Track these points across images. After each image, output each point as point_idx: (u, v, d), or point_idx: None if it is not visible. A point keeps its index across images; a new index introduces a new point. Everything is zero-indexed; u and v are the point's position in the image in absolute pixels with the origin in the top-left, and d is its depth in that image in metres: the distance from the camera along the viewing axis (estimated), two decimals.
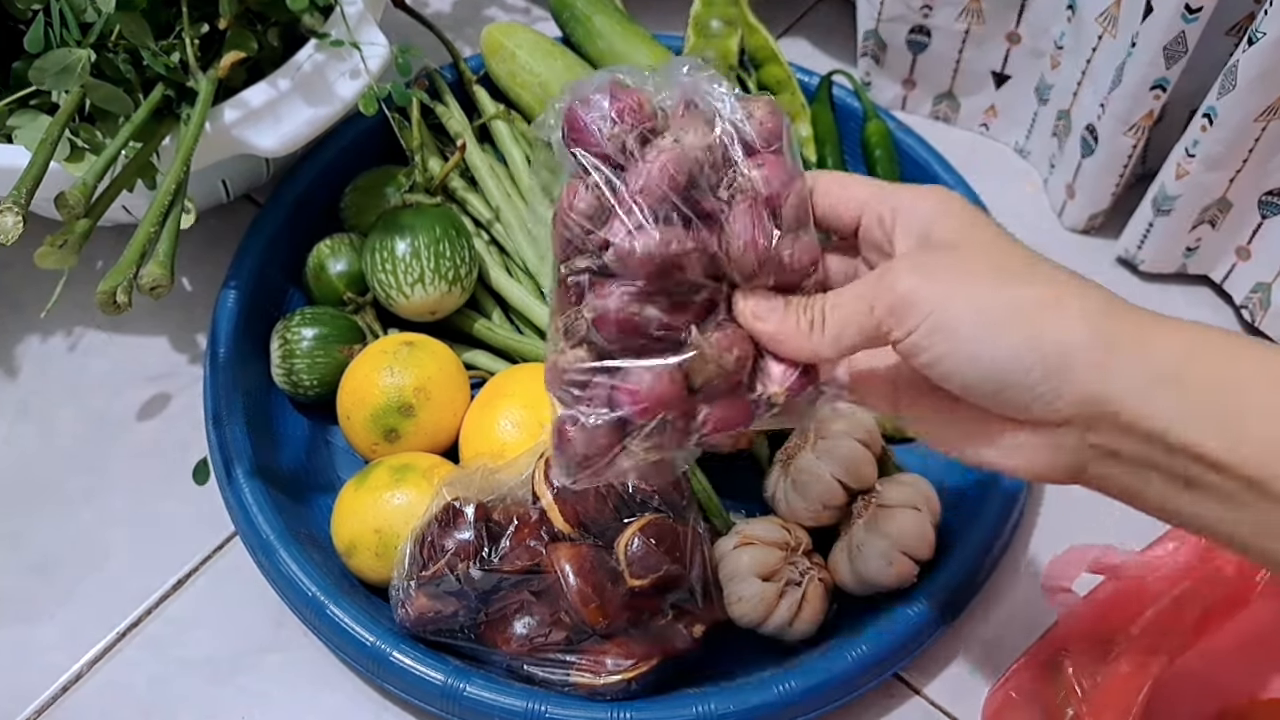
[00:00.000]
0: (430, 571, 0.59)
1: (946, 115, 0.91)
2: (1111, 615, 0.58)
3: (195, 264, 0.79)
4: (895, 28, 0.85)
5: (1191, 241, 0.79)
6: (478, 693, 0.58)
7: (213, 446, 0.67)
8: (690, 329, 0.45)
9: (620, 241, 0.43)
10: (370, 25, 0.71)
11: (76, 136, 0.63)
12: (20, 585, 0.67)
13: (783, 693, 0.58)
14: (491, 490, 0.62)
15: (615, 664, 0.58)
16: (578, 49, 0.83)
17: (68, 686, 0.64)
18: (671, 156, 0.44)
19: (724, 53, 0.85)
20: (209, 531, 0.69)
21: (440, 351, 0.70)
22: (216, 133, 0.66)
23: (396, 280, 0.69)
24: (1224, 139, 0.71)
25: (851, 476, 0.64)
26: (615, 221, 0.44)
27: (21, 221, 0.56)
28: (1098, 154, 0.79)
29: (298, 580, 0.61)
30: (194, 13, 0.66)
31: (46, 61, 0.62)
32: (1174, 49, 0.70)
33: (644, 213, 0.43)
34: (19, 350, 0.76)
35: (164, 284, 0.57)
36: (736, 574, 0.61)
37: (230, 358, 0.70)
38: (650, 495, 0.62)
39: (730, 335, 0.46)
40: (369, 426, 0.67)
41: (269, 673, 0.64)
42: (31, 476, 0.71)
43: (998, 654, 0.65)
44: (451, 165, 0.74)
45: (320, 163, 0.78)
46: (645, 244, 0.43)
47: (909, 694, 0.64)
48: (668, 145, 0.44)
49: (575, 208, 0.45)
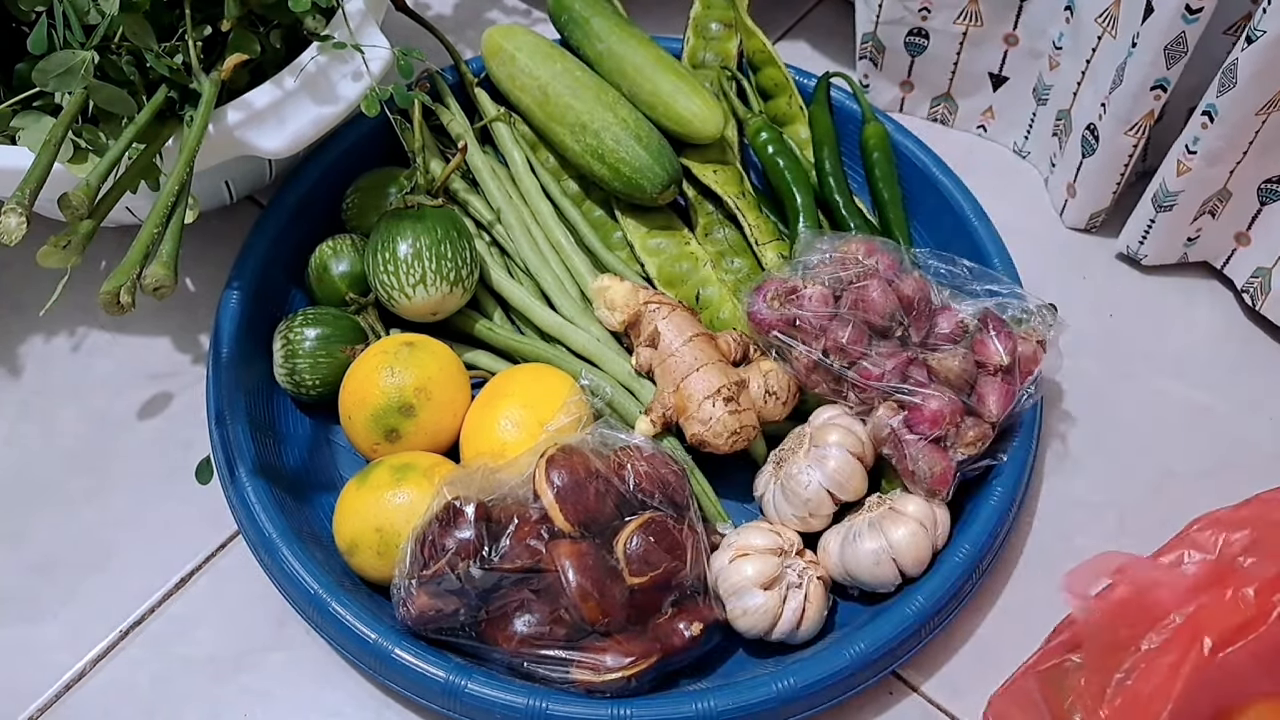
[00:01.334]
0: (431, 570, 0.59)
1: (944, 117, 0.91)
2: (1122, 626, 0.57)
3: (198, 264, 0.80)
4: (893, 30, 0.86)
5: (1192, 232, 0.79)
6: (479, 690, 0.58)
7: (215, 446, 0.68)
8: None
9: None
10: (372, 27, 0.71)
11: (80, 138, 0.64)
12: (23, 584, 0.67)
13: (782, 690, 0.59)
14: (492, 489, 0.62)
15: (615, 661, 0.58)
16: (577, 51, 0.84)
17: (70, 685, 0.64)
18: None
19: (723, 55, 0.86)
20: (211, 530, 0.69)
21: (441, 352, 0.70)
22: (219, 134, 0.67)
23: (398, 281, 0.70)
24: (1225, 135, 0.71)
25: (841, 488, 0.64)
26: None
27: (25, 222, 0.56)
28: (1099, 154, 0.79)
29: (300, 578, 0.62)
30: (197, 15, 0.66)
31: (50, 63, 0.62)
32: (1175, 49, 0.71)
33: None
34: (22, 350, 0.77)
35: (167, 284, 0.58)
36: (738, 588, 0.61)
37: (233, 358, 0.70)
38: (650, 494, 0.62)
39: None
40: (370, 426, 0.67)
41: (271, 671, 0.64)
42: (34, 476, 0.71)
43: (996, 652, 0.65)
44: (453, 167, 0.74)
45: (323, 164, 0.79)
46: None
47: (907, 691, 0.65)
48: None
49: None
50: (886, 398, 0.65)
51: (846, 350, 0.66)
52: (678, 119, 0.77)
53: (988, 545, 0.65)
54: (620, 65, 0.80)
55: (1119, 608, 0.58)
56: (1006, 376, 0.65)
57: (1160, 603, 0.57)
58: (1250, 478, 0.73)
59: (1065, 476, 0.73)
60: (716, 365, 0.67)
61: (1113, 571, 0.58)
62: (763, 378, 0.67)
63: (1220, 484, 0.73)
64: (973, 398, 0.65)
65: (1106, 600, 0.59)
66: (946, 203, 0.79)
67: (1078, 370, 0.76)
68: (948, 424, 0.64)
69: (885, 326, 0.66)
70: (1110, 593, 0.58)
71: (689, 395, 0.66)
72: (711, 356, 0.67)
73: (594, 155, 0.77)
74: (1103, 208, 0.83)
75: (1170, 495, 0.72)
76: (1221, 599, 0.55)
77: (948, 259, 0.71)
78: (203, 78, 0.65)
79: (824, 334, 0.66)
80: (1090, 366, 0.77)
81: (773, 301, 0.67)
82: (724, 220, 0.79)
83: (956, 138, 0.91)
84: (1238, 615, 0.54)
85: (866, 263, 0.68)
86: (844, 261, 0.68)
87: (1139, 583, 0.57)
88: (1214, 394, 0.77)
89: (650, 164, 0.75)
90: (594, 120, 0.77)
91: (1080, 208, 0.84)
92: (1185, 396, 0.77)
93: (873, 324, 0.66)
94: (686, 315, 0.69)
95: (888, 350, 0.66)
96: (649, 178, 0.75)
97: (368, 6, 0.72)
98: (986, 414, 0.65)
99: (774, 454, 0.68)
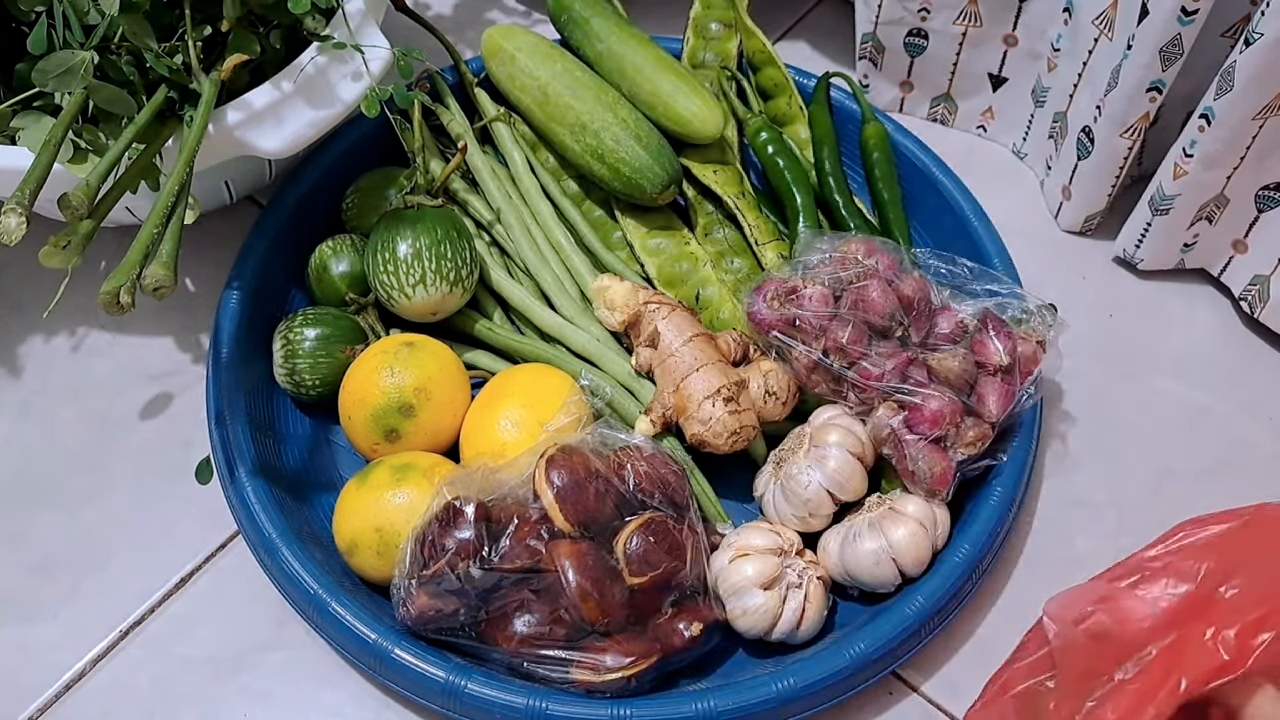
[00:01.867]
0: (431, 570, 0.59)
1: (944, 117, 0.91)
2: (1096, 656, 0.57)
3: (198, 265, 0.80)
4: (893, 30, 0.86)
5: (1189, 238, 0.79)
6: (479, 690, 0.58)
7: (215, 446, 0.68)
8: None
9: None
10: (372, 28, 0.71)
11: (80, 138, 0.64)
12: (23, 584, 0.67)
13: (781, 690, 0.59)
14: (492, 489, 0.62)
15: (615, 661, 0.58)
16: (576, 51, 0.84)
17: (70, 685, 0.64)
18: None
19: (723, 55, 0.86)
20: (211, 530, 0.69)
21: (440, 352, 0.70)
22: (219, 134, 0.67)
23: (398, 281, 0.70)
24: (1222, 138, 0.71)
25: (841, 489, 0.64)
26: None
27: (25, 223, 0.56)
28: (1094, 156, 0.79)
29: (300, 579, 0.62)
30: (196, 15, 0.66)
31: (49, 63, 0.62)
32: (1170, 51, 0.71)
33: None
34: (22, 350, 0.77)
35: (167, 285, 0.58)
36: (738, 589, 0.61)
37: (233, 358, 0.70)
38: (650, 494, 0.62)
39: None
40: (370, 427, 0.67)
41: (271, 671, 0.64)
42: (34, 476, 0.71)
43: (996, 652, 0.65)
44: (452, 167, 0.74)
45: (322, 164, 0.79)
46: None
47: (907, 691, 0.65)
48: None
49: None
50: (886, 398, 0.65)
51: (846, 350, 0.66)
52: (677, 119, 0.77)
53: (988, 545, 0.65)
54: (620, 65, 0.80)
55: (1095, 637, 0.58)
56: (1006, 376, 0.66)
57: (1136, 636, 0.57)
58: (1250, 478, 0.73)
59: (1065, 476, 0.73)
60: (716, 365, 0.67)
61: (1094, 600, 0.58)
62: (762, 378, 0.67)
63: (1220, 484, 0.73)
64: (973, 398, 0.65)
65: (1085, 628, 0.59)
66: (946, 203, 0.79)
67: (1078, 370, 0.76)
68: (948, 424, 0.64)
69: (885, 327, 0.66)
70: (1089, 620, 0.58)
71: (689, 395, 0.66)
72: (711, 357, 0.67)
73: (594, 155, 0.77)
74: (1098, 210, 0.83)
75: (1170, 495, 0.72)
76: (1200, 638, 0.55)
77: (948, 259, 0.71)
78: (202, 78, 0.65)
79: (824, 334, 0.66)
80: (1090, 366, 0.77)
81: (773, 301, 0.67)
82: (724, 220, 0.79)
83: (956, 138, 0.91)
84: (1215, 659, 0.54)
85: (866, 263, 0.68)
86: (844, 261, 0.68)
87: (1117, 614, 0.58)
88: (1214, 394, 0.77)
89: (650, 164, 0.75)
90: (594, 120, 0.77)
91: (1075, 210, 0.84)
92: (1185, 397, 0.77)
93: (873, 324, 0.66)
94: (686, 315, 0.69)
95: (888, 350, 0.66)
96: (649, 178, 0.75)
97: (368, 7, 0.72)
98: (986, 414, 0.65)
99: (774, 454, 0.68)
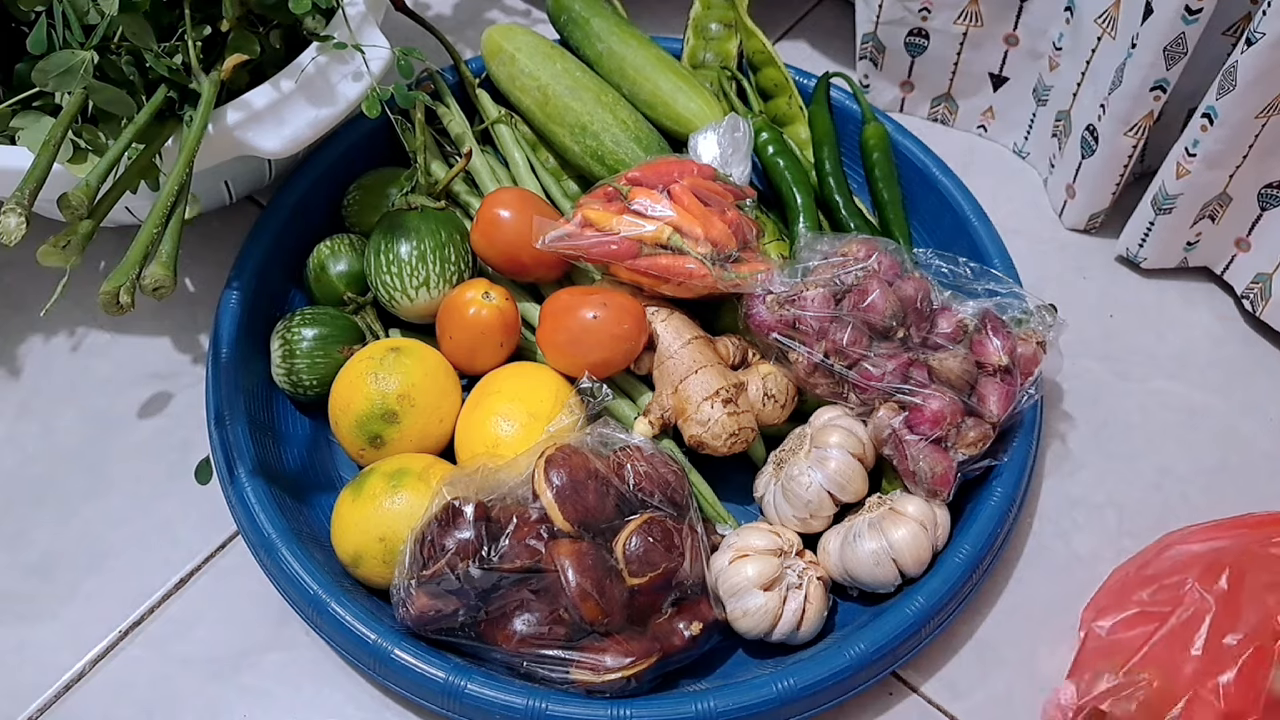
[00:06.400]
0: (431, 571, 0.59)
1: (944, 117, 0.91)
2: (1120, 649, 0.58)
3: (197, 264, 0.80)
4: (894, 30, 0.86)
5: (1192, 236, 0.79)
6: (479, 690, 0.58)
7: (215, 446, 0.68)
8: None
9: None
10: (372, 28, 0.71)
11: (79, 138, 0.64)
12: (22, 585, 0.67)
13: (782, 690, 0.59)
14: (491, 489, 0.62)
15: (615, 661, 0.58)
16: (576, 51, 0.84)
17: (70, 685, 0.64)
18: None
19: (723, 55, 0.86)
20: (211, 530, 0.69)
21: (429, 357, 0.69)
22: (219, 134, 0.67)
23: (401, 283, 0.70)
24: (1225, 137, 0.71)
25: (841, 489, 0.64)
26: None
27: (25, 222, 0.56)
28: (1098, 154, 0.79)
29: (299, 579, 0.62)
30: (196, 15, 0.66)
31: (49, 63, 0.62)
32: (1174, 50, 0.70)
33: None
34: (21, 350, 0.77)
35: (166, 285, 0.58)
36: (738, 589, 0.61)
37: (232, 358, 0.70)
38: (650, 494, 0.62)
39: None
40: (354, 432, 0.67)
41: (271, 671, 0.64)
42: (33, 476, 0.71)
43: (996, 652, 0.65)
44: (456, 172, 0.74)
45: (322, 164, 0.78)
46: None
47: (907, 692, 0.65)
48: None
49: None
50: (887, 398, 0.65)
51: (847, 352, 0.66)
52: (678, 119, 0.77)
53: (988, 545, 0.65)
54: (620, 65, 0.80)
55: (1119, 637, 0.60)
56: (1007, 377, 0.66)
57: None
58: (1249, 478, 0.73)
59: (1065, 476, 0.73)
60: (715, 368, 0.67)
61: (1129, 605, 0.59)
62: (761, 381, 0.67)
63: (1220, 484, 0.73)
64: (973, 398, 0.65)
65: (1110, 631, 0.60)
66: (946, 203, 0.79)
67: (1078, 370, 0.76)
68: (948, 424, 0.64)
69: (886, 327, 0.66)
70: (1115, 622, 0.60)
71: (687, 397, 0.66)
72: (710, 359, 0.67)
73: (594, 157, 0.77)
74: (1102, 209, 0.83)
75: (1170, 495, 0.72)
76: (1204, 693, 0.56)
77: (949, 259, 0.71)
78: (202, 78, 0.65)
79: (824, 335, 0.66)
80: (1090, 366, 0.77)
81: (773, 303, 0.67)
82: None
83: (956, 138, 0.91)
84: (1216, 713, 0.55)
85: (867, 264, 0.68)
86: (844, 262, 0.68)
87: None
88: (1214, 394, 0.77)
89: None
90: (594, 121, 0.77)
91: (1079, 209, 0.84)
92: (1185, 397, 0.77)
93: (873, 325, 0.66)
94: (685, 318, 0.69)
95: (888, 351, 0.66)
96: None
97: (368, 6, 0.72)
98: (987, 414, 0.65)
99: (774, 455, 0.68)
